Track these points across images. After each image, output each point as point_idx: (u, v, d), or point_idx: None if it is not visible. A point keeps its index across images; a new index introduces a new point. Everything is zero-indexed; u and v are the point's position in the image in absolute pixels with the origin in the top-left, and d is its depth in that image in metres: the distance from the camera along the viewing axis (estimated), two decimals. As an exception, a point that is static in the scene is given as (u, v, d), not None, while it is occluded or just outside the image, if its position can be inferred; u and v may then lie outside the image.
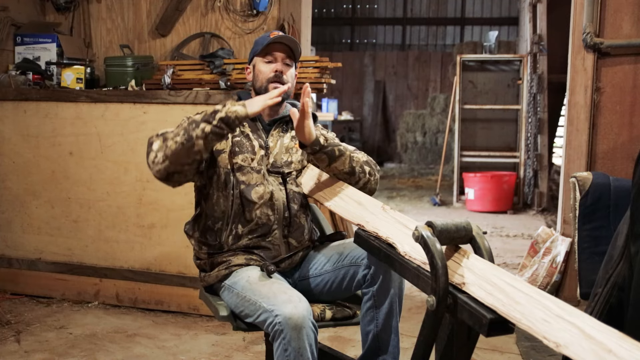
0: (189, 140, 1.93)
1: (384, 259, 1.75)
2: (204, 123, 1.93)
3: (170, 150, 1.94)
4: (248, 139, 2.15)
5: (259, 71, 2.17)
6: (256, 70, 2.19)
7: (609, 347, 1.13)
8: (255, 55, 2.19)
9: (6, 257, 3.73)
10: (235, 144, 2.13)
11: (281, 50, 2.17)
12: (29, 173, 3.66)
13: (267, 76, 2.15)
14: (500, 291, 1.37)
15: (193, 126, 1.93)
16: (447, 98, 10.94)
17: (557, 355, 1.77)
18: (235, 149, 2.12)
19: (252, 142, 2.15)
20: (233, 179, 2.10)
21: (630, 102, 3.56)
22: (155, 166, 1.99)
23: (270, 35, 2.17)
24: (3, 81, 3.66)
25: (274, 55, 2.16)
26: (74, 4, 3.97)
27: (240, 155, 2.12)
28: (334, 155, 2.06)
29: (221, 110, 1.94)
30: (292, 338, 1.76)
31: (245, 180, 2.10)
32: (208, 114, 1.94)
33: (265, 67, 2.16)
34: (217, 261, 2.10)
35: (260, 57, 2.17)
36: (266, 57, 2.16)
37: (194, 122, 1.95)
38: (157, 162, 1.97)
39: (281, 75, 2.15)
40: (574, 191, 2.61)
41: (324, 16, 14.03)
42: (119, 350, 2.95)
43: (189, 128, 1.94)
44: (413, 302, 3.71)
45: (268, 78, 2.15)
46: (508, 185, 7.12)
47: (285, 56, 2.17)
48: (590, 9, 3.53)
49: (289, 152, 2.20)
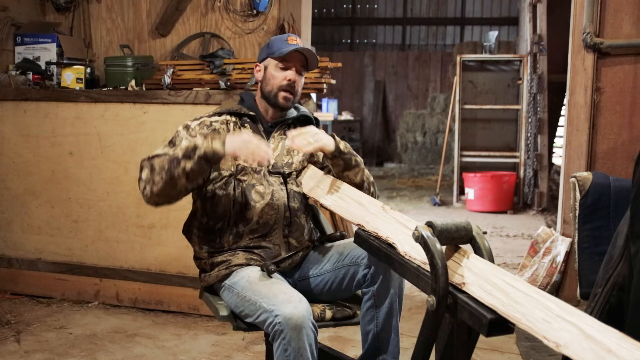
0: (172, 179, 1.92)
1: (384, 259, 1.75)
2: (184, 160, 1.90)
3: (157, 187, 1.94)
4: None
5: (272, 75, 2.16)
6: (268, 72, 2.17)
7: (609, 347, 1.13)
8: (270, 56, 2.17)
9: (6, 257, 3.73)
10: None
11: (297, 58, 2.16)
12: (29, 173, 3.66)
13: (280, 83, 2.14)
14: (500, 291, 1.37)
15: (174, 164, 1.91)
16: (447, 98, 10.95)
17: (557, 355, 1.77)
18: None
19: None
20: (234, 180, 2.10)
21: (630, 102, 3.56)
22: (144, 197, 1.99)
23: (288, 39, 2.15)
24: (3, 81, 3.66)
25: (290, 62, 2.15)
26: (74, 4, 3.96)
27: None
28: (350, 163, 2.09)
29: (200, 147, 1.90)
30: (292, 338, 1.76)
31: (247, 181, 2.10)
32: (189, 150, 1.91)
33: (278, 73, 2.15)
34: (217, 261, 2.10)
35: (275, 60, 2.15)
36: (282, 63, 2.15)
37: (175, 159, 1.91)
38: (145, 194, 1.98)
39: (293, 85, 2.15)
40: (574, 191, 2.61)
41: (324, 16, 14.03)
42: (119, 350, 2.95)
43: (170, 166, 1.91)
44: (413, 302, 3.71)
45: (280, 85, 2.14)
46: (508, 185, 7.12)
47: (300, 65, 2.17)
48: (590, 9, 3.53)
49: (290, 154, 2.20)
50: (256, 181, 2.11)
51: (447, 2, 13.73)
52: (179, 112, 3.36)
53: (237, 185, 2.09)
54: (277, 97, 2.15)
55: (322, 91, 3.45)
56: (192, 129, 2.11)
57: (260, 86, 2.21)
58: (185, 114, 3.35)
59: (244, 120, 2.19)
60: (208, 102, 3.31)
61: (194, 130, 2.10)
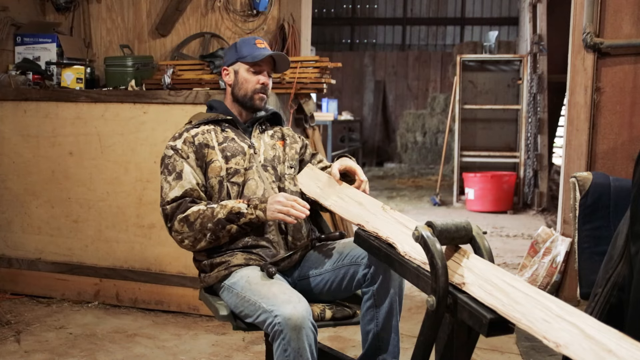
0: (217, 239, 2.06)
1: (384, 258, 1.75)
2: (229, 224, 2.03)
3: (201, 244, 2.06)
4: (234, 142, 2.19)
5: (244, 79, 2.21)
6: (240, 77, 2.22)
7: (609, 347, 1.13)
8: (241, 60, 2.22)
9: (6, 257, 3.73)
10: (225, 150, 2.16)
11: (268, 62, 2.23)
12: (29, 173, 3.66)
13: (253, 87, 2.21)
14: (500, 291, 1.37)
15: (219, 227, 2.03)
16: (447, 98, 10.94)
17: (557, 355, 1.77)
18: (227, 154, 2.16)
19: (240, 144, 2.19)
20: (227, 184, 2.13)
21: (630, 102, 3.56)
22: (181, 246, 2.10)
23: (256, 43, 2.22)
24: (3, 81, 3.66)
25: (261, 66, 2.21)
26: (74, 4, 3.97)
27: (233, 159, 2.15)
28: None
29: (245, 215, 2.03)
30: (292, 338, 1.76)
31: (240, 182, 2.13)
32: (233, 214, 2.03)
33: (251, 77, 2.21)
34: (216, 262, 2.10)
35: (246, 64, 2.21)
36: (253, 67, 2.21)
37: (219, 222, 2.02)
38: (185, 245, 2.09)
39: (266, 88, 2.23)
40: (574, 191, 2.61)
41: (324, 16, 14.02)
42: (119, 350, 2.95)
43: (216, 228, 2.03)
44: (413, 302, 3.71)
45: (254, 89, 2.21)
46: (508, 185, 7.12)
47: (270, 68, 2.25)
48: (590, 9, 3.53)
49: (274, 148, 2.26)
50: (248, 178, 2.14)
51: (447, 2, 13.73)
52: (179, 112, 3.36)
53: (230, 188, 2.12)
54: (253, 100, 2.22)
55: (322, 91, 3.45)
56: (182, 150, 2.13)
57: (231, 90, 2.25)
58: (185, 114, 3.35)
59: (223, 125, 2.23)
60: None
61: (183, 151, 2.13)
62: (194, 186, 2.09)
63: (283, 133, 2.34)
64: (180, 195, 2.07)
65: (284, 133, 2.34)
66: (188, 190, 2.08)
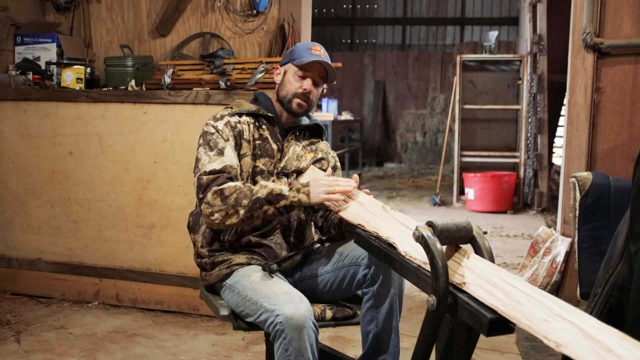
0: (250, 218, 1.98)
1: (384, 259, 1.75)
2: (267, 205, 1.96)
3: (232, 221, 1.98)
4: (267, 143, 2.17)
5: (289, 81, 2.18)
6: (286, 78, 2.20)
7: (609, 346, 1.13)
8: (291, 62, 2.19)
9: (6, 257, 3.73)
10: (257, 147, 2.15)
11: (318, 69, 2.19)
12: (29, 173, 3.66)
13: (295, 91, 2.16)
14: (500, 291, 1.37)
15: (257, 205, 1.96)
16: (447, 98, 10.94)
17: (557, 355, 1.77)
18: (257, 152, 2.14)
19: (272, 146, 2.17)
20: (250, 181, 2.12)
21: (630, 102, 3.56)
22: (209, 221, 2.01)
23: (312, 48, 2.17)
24: (3, 81, 3.66)
25: (309, 72, 2.17)
26: (74, 4, 3.96)
27: (262, 159, 2.14)
28: None
29: (287, 197, 1.96)
30: (293, 338, 1.76)
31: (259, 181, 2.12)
32: (273, 195, 1.95)
33: (296, 80, 2.17)
34: (218, 260, 2.10)
35: (296, 67, 2.18)
36: (301, 71, 2.17)
37: (258, 200, 1.96)
38: (214, 220, 1.99)
39: (308, 95, 2.18)
40: (574, 191, 2.61)
41: (324, 16, 14.02)
42: (119, 350, 2.95)
43: (253, 206, 1.95)
44: (413, 302, 3.71)
45: (295, 93, 2.17)
46: (508, 185, 7.12)
47: (318, 77, 2.19)
48: (590, 9, 3.53)
49: (299, 160, 2.22)
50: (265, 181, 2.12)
51: (447, 2, 13.73)
52: (179, 112, 3.36)
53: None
54: (291, 103, 2.17)
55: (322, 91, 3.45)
56: (222, 132, 2.11)
57: (277, 88, 2.23)
58: (185, 114, 3.35)
59: (261, 121, 2.20)
60: (208, 102, 3.31)
61: (224, 133, 2.11)
62: (234, 165, 2.06)
63: (317, 147, 2.29)
64: (219, 169, 2.02)
65: (318, 147, 2.29)
66: (228, 167, 2.04)
